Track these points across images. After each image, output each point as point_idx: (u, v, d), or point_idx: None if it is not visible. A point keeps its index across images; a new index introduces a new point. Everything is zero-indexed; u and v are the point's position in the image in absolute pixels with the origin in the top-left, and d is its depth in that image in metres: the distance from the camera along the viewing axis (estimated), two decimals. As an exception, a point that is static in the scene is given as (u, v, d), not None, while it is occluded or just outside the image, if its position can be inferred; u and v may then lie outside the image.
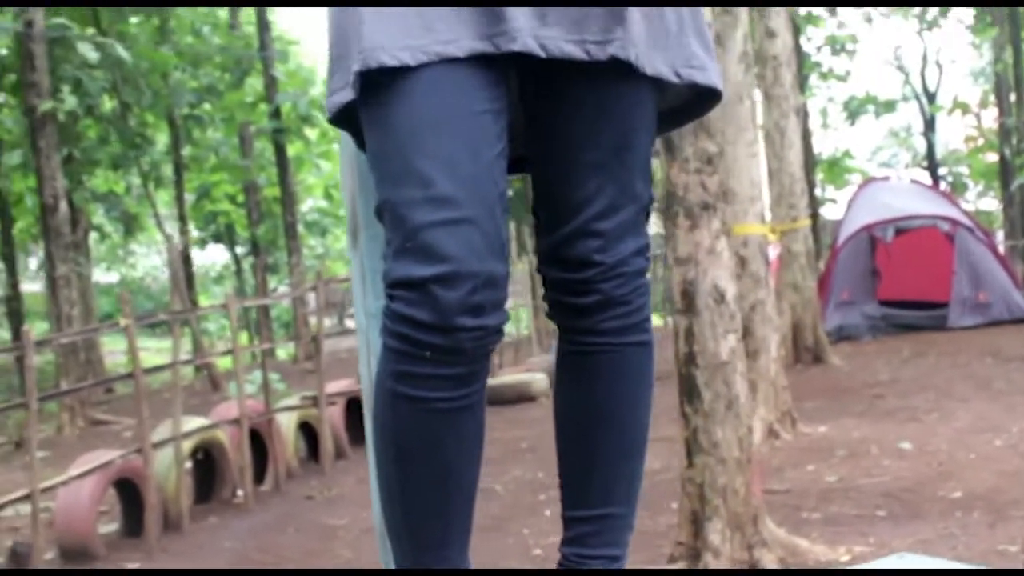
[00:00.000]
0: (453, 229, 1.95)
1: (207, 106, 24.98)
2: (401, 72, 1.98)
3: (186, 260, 25.65)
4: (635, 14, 2.08)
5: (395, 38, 1.97)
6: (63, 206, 16.80)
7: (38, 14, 16.26)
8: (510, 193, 2.41)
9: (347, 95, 2.03)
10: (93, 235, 28.09)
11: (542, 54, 2.02)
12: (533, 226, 2.30)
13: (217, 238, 33.59)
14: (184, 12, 23.31)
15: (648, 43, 2.11)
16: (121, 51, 16.90)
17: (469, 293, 1.97)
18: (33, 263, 32.61)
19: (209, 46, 25.37)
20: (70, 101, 16.76)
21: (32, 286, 32.20)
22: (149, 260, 42.04)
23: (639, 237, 2.23)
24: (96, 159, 20.91)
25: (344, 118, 2.13)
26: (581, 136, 2.18)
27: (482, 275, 1.97)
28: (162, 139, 27.15)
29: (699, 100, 2.35)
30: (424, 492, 2.11)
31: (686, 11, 2.21)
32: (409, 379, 2.02)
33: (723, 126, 9.42)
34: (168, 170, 26.48)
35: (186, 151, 26.08)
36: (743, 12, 9.87)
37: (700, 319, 6.40)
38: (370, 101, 2.03)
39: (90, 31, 18.99)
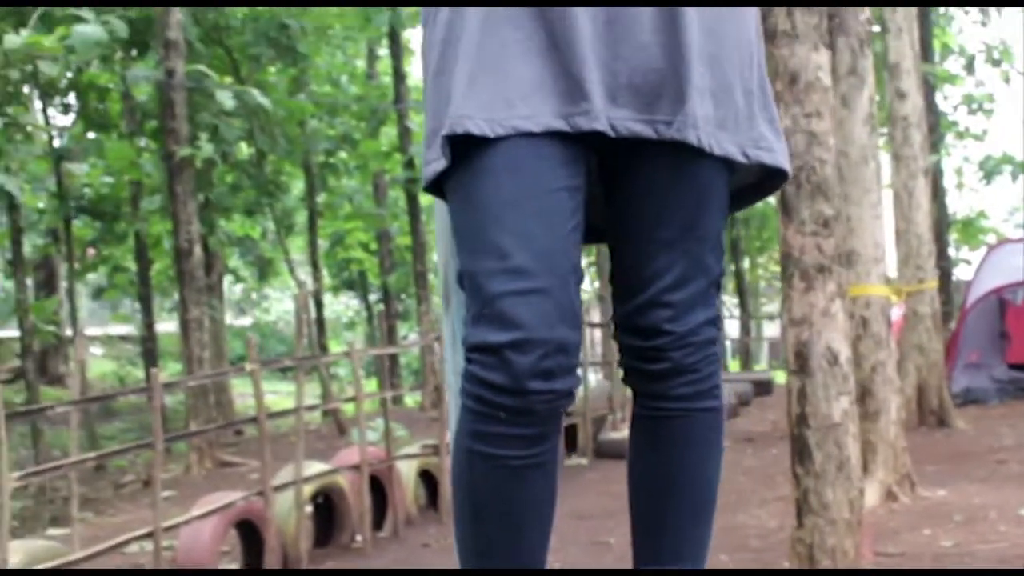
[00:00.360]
0: (527, 298, 2.09)
1: (342, 154, 25.32)
2: (483, 145, 2.12)
3: (318, 306, 25.95)
4: (704, 97, 2.20)
5: (479, 110, 2.12)
6: (197, 250, 17.14)
7: (179, 62, 16.66)
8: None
9: (440, 164, 2.19)
10: (228, 278, 28.54)
11: (612, 134, 2.15)
12: (611, 294, 2.41)
13: (350, 285, 33.96)
14: (321, 62, 23.71)
15: (717, 125, 2.22)
16: (259, 98, 17.21)
17: (540, 359, 2.10)
18: (169, 304, 33.17)
19: (346, 95, 25.75)
20: (207, 148, 17.11)
21: (167, 327, 32.73)
22: (283, 305, 42.51)
23: (709, 308, 2.35)
24: (231, 205, 21.31)
25: (438, 187, 2.27)
26: (653, 213, 2.30)
27: (553, 342, 2.11)
28: (297, 186, 27.56)
29: (769, 179, 2.46)
30: (497, 544, 2.24)
31: (756, 94, 2.32)
32: (484, 438, 2.15)
33: (846, 188, 9.46)
34: (302, 217, 26.88)
35: (321, 198, 26.45)
36: (869, 74, 9.89)
37: (813, 380, 6.42)
38: (455, 173, 2.18)
39: (228, 80, 19.41)
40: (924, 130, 13.96)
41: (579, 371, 2.20)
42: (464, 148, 2.14)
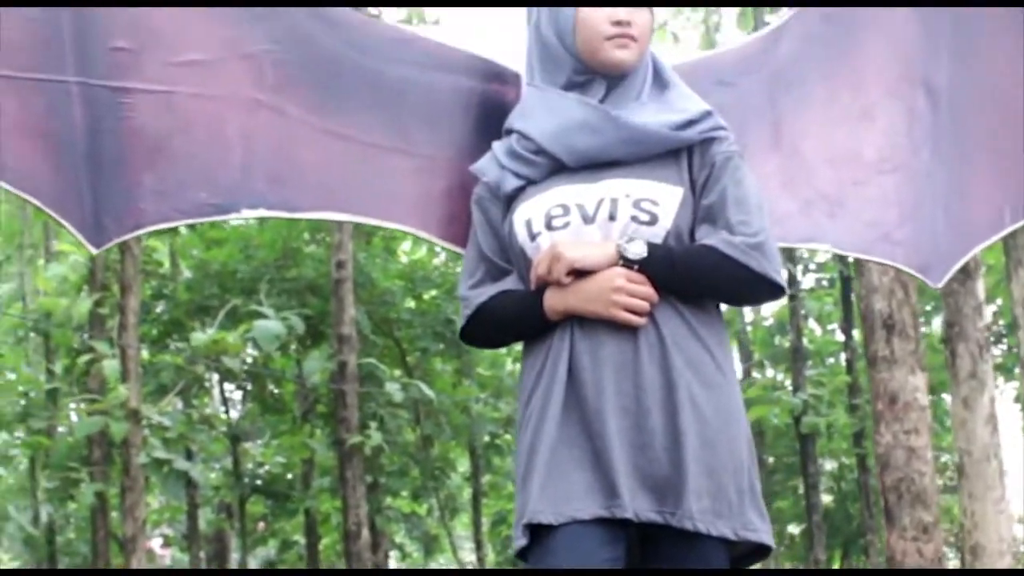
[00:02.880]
0: None
1: (507, 436, 25.95)
2: (551, 529, 3.10)
3: (484, 584, 26.36)
4: (703, 495, 3.12)
5: (548, 506, 3.11)
6: (365, 532, 17.81)
7: (351, 356, 17.62)
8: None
9: (522, 542, 3.18)
10: (394, 553, 29.04)
11: (635, 520, 3.10)
12: None
13: (514, 562, 34.30)
14: (486, 352, 24.65)
15: (715, 514, 3.13)
16: (425, 390, 18.17)
17: None
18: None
19: (510, 379, 26.49)
20: (376, 437, 17.93)
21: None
22: (449, 582, 42.56)
23: None
24: (398, 488, 22.11)
25: (524, 555, 3.24)
26: None
27: None
28: (462, 464, 28.20)
29: (759, 550, 3.31)
30: None
31: (746, 491, 3.21)
32: None
33: (969, 484, 10.02)
34: (466, 494, 27.49)
35: (485, 479, 27.06)
36: (989, 377, 10.50)
37: None
38: (533, 548, 3.16)
39: (397, 372, 20.42)
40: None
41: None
42: (538, 531, 3.10)
